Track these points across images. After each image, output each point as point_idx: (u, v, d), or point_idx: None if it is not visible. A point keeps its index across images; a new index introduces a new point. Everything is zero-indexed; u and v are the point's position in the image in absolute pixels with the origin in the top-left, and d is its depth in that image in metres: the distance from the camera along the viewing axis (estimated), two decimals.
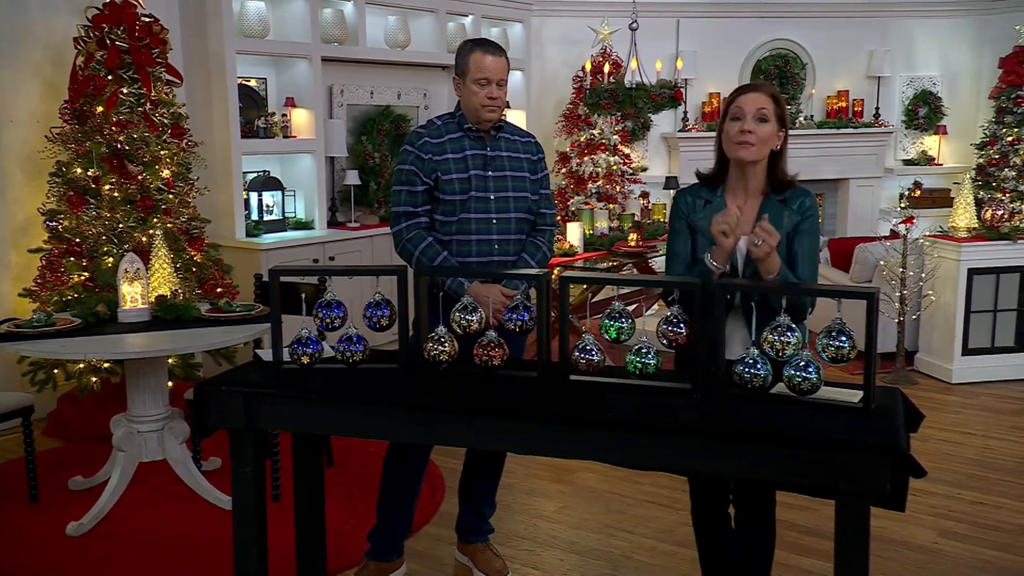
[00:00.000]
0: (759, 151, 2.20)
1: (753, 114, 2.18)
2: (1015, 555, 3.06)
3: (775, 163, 2.24)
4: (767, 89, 2.24)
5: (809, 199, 2.25)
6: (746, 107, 2.19)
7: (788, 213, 2.22)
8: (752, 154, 2.20)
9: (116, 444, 3.32)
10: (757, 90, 2.22)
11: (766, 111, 2.19)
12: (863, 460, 1.79)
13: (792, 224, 2.22)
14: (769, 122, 2.19)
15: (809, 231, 2.22)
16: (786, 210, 2.23)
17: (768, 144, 2.21)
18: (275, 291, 2.29)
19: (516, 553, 3.08)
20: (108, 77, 4.06)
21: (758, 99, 2.19)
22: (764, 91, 2.22)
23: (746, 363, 2.04)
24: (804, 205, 2.23)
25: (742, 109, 2.20)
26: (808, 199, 2.25)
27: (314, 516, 2.57)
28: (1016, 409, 4.64)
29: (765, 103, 2.19)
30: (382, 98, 6.00)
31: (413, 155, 2.71)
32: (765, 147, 2.21)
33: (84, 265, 4.00)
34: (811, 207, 2.25)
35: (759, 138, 2.18)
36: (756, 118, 2.18)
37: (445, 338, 2.26)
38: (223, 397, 2.21)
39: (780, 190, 2.25)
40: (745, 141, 2.18)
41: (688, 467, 2.13)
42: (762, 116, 2.18)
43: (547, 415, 2.03)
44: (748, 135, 2.18)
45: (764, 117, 2.19)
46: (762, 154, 2.21)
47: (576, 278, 2.41)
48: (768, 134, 2.19)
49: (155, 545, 3.09)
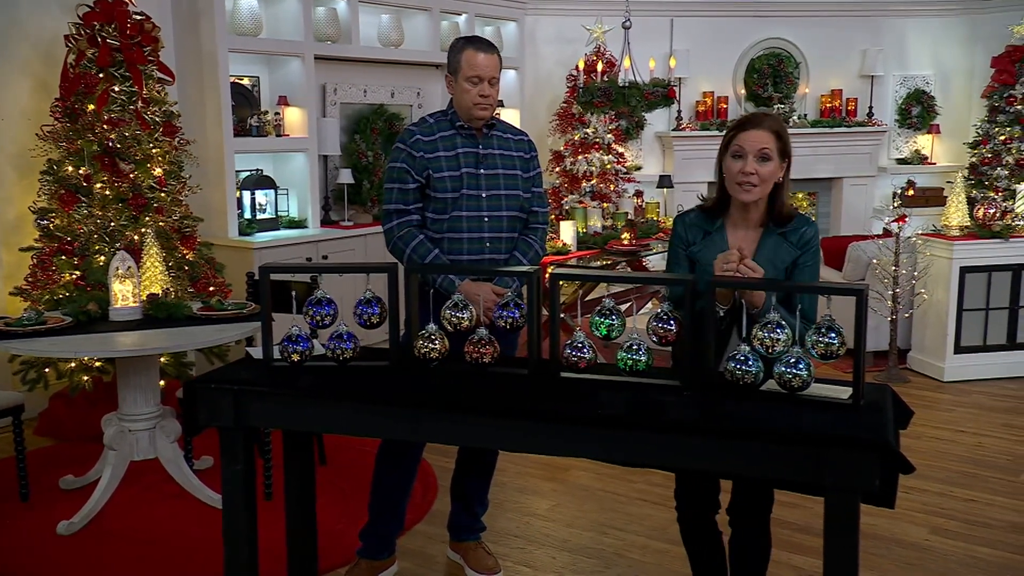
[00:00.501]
0: (762, 191, 2.14)
1: (755, 153, 2.11)
2: (1006, 552, 3.07)
3: (776, 195, 2.18)
4: (770, 125, 2.13)
5: (810, 230, 2.19)
6: (747, 146, 2.11)
7: (787, 247, 2.17)
8: (755, 195, 2.14)
9: (107, 443, 3.31)
10: (759, 126, 2.13)
11: (768, 150, 2.11)
12: (851, 456, 1.79)
13: (792, 258, 2.18)
14: (772, 160, 2.12)
15: (810, 265, 2.17)
16: (785, 243, 2.18)
17: (770, 182, 2.14)
18: (265, 289, 2.28)
19: (508, 551, 3.08)
20: (99, 75, 4.05)
21: (760, 137, 2.11)
22: (767, 128, 2.12)
23: (737, 360, 2.04)
24: (804, 237, 2.17)
25: (743, 148, 2.12)
26: (809, 230, 2.19)
27: (305, 514, 2.57)
28: (1008, 407, 4.65)
29: (767, 142, 2.11)
30: (375, 97, 6.00)
31: (405, 153, 2.71)
32: (767, 186, 2.14)
33: (76, 263, 3.99)
34: (811, 239, 2.18)
35: (761, 178, 2.12)
36: (758, 157, 2.11)
37: (436, 336, 2.26)
38: (213, 395, 2.20)
39: (780, 223, 2.19)
40: (747, 182, 2.12)
41: (678, 464, 2.14)
42: (764, 155, 2.11)
43: (537, 412, 2.03)
44: (751, 176, 2.11)
45: (766, 156, 2.11)
46: (764, 193, 2.15)
47: (566, 275, 2.41)
48: (770, 173, 2.12)
49: (146, 544, 3.09)
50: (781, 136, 2.14)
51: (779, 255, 2.16)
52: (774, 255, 2.15)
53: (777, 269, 2.17)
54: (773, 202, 2.19)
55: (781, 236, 2.18)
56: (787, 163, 2.17)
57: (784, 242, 2.18)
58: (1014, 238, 5.01)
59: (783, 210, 2.18)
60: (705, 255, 2.20)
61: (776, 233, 2.18)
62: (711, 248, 2.19)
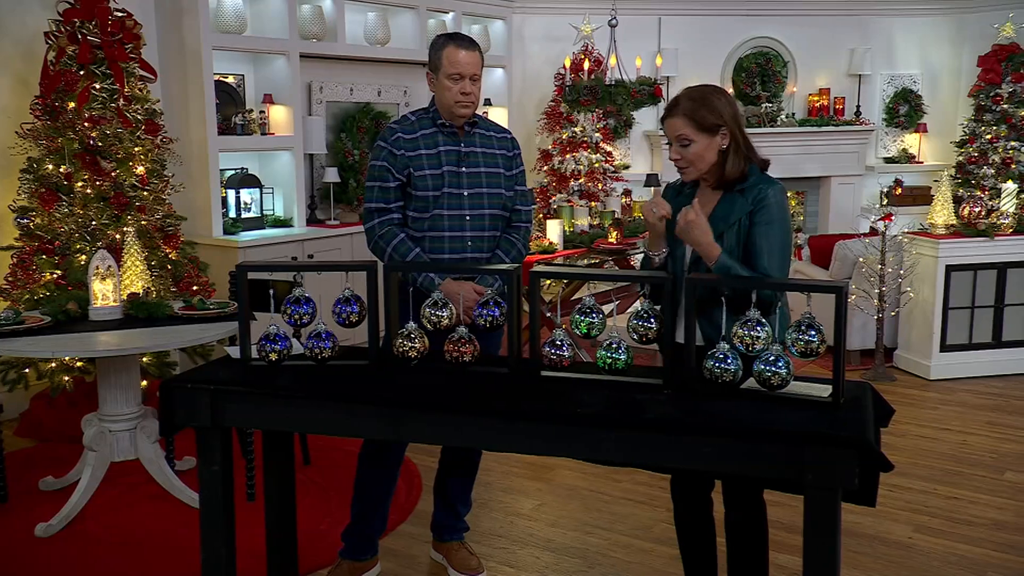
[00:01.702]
0: (697, 169, 2.23)
1: (675, 140, 2.22)
2: (988, 550, 3.07)
3: (724, 160, 2.23)
4: (681, 109, 2.20)
5: (768, 189, 2.19)
6: (668, 134, 2.24)
7: (741, 203, 2.21)
8: (690, 175, 2.26)
9: (87, 444, 3.28)
10: (672, 115, 2.22)
11: (684, 135, 2.20)
12: (829, 453, 1.78)
13: (744, 212, 2.20)
14: (694, 142, 2.20)
15: (766, 222, 2.17)
16: (740, 199, 2.21)
17: (705, 158, 2.21)
18: (243, 287, 2.26)
19: (492, 551, 3.06)
20: (80, 72, 4.01)
21: (674, 125, 2.21)
22: (679, 115, 2.21)
23: (716, 358, 2.04)
24: (760, 195, 2.19)
25: (668, 136, 2.25)
26: (766, 188, 2.20)
27: (285, 515, 2.55)
28: (993, 405, 4.67)
29: (681, 128, 2.20)
30: (362, 95, 5.97)
31: (386, 151, 2.69)
32: (702, 161, 2.22)
33: (56, 263, 3.95)
34: (767, 197, 2.18)
35: (688, 160, 2.22)
36: (679, 143, 2.22)
37: (415, 334, 2.25)
38: (189, 395, 2.18)
39: (730, 187, 2.24)
40: (677, 166, 2.26)
41: (657, 462, 2.13)
42: (684, 141, 2.21)
43: (516, 411, 2.02)
44: (678, 161, 2.24)
45: (685, 141, 2.21)
46: (701, 169, 2.23)
47: (545, 273, 2.39)
48: (697, 153, 2.21)
49: (125, 546, 3.05)
50: (695, 117, 2.19)
51: (732, 211, 2.21)
52: (727, 212, 2.21)
53: (728, 224, 2.20)
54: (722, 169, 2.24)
55: (739, 193, 2.23)
56: (724, 132, 2.21)
57: (740, 198, 2.22)
58: (999, 237, 5.03)
59: (727, 176, 2.23)
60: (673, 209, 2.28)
61: (734, 191, 2.24)
62: (677, 205, 2.27)
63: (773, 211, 2.18)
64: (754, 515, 2.34)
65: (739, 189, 2.23)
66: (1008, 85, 7.03)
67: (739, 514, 2.34)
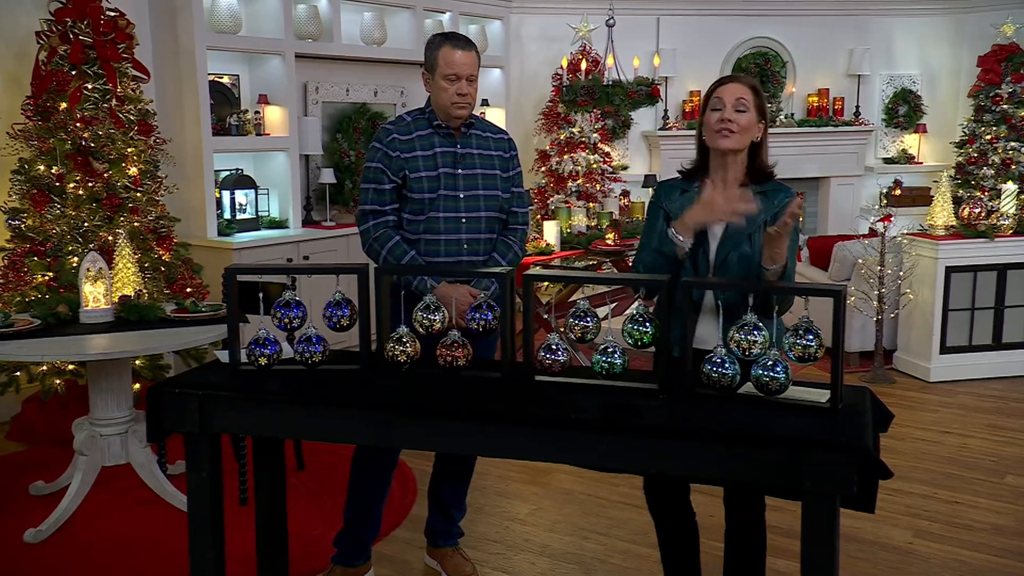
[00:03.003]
0: (739, 140, 2.20)
1: (733, 104, 2.19)
2: (989, 555, 3.04)
3: (755, 155, 2.25)
4: (747, 80, 2.25)
5: (790, 196, 2.22)
6: (726, 97, 2.20)
7: (765, 205, 2.21)
8: (732, 142, 2.19)
9: (77, 448, 3.24)
10: (737, 81, 2.24)
11: (746, 100, 2.19)
12: (827, 459, 1.75)
13: (768, 214, 2.20)
14: (748, 112, 2.20)
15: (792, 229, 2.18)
16: (763, 201, 2.21)
17: (748, 134, 2.21)
18: (232, 290, 2.23)
19: (487, 557, 3.03)
20: (72, 72, 3.97)
21: (738, 89, 2.21)
22: (743, 82, 2.24)
23: (713, 362, 2.00)
24: (782, 200, 2.21)
25: (722, 99, 2.20)
26: (786, 195, 2.23)
27: (276, 520, 2.51)
28: (993, 407, 4.63)
29: (745, 93, 2.20)
30: (358, 95, 5.93)
31: (381, 152, 2.66)
32: (746, 136, 2.21)
33: (48, 264, 3.91)
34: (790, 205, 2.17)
35: (740, 127, 2.19)
36: (736, 108, 2.19)
37: (407, 338, 2.21)
38: (177, 400, 2.14)
39: (760, 181, 2.25)
40: (725, 128, 2.19)
41: (654, 468, 2.09)
42: (742, 106, 2.19)
43: (509, 417, 1.98)
44: (728, 123, 2.18)
45: (743, 107, 2.19)
46: (743, 143, 2.21)
47: (539, 276, 2.36)
48: (748, 123, 2.20)
49: (115, 551, 3.02)
50: (758, 92, 2.23)
51: (756, 213, 2.17)
52: (752, 213, 2.16)
53: (756, 225, 2.18)
54: (752, 162, 2.25)
55: (760, 195, 2.22)
56: (764, 125, 2.24)
57: (762, 200, 2.21)
58: (999, 238, 4.99)
59: (762, 167, 2.25)
60: (678, 208, 2.25)
61: (755, 192, 2.22)
62: (687, 203, 2.23)
63: None
64: (756, 518, 2.32)
65: (760, 192, 2.23)
66: (1008, 85, 7.01)
67: (741, 516, 2.32)
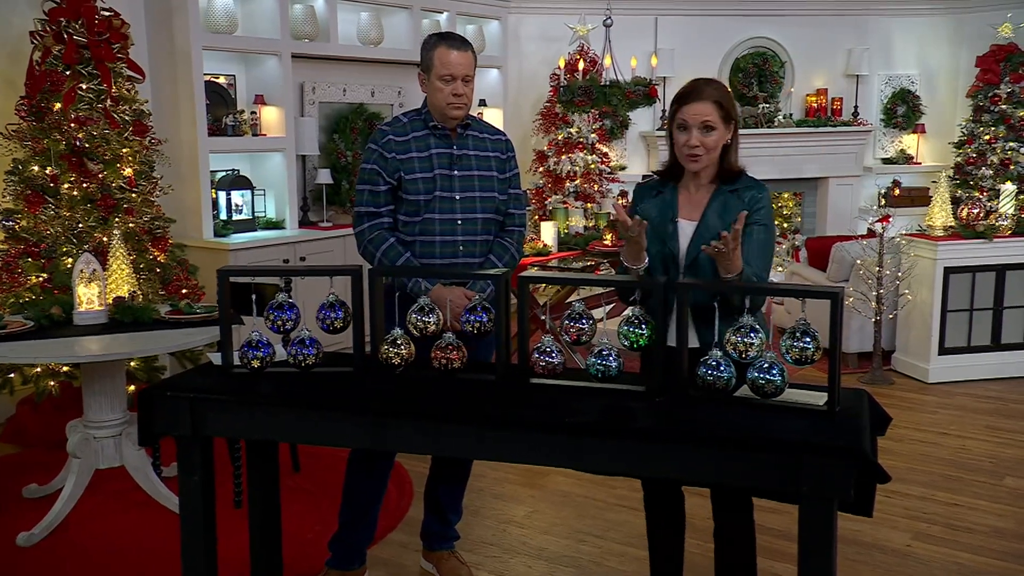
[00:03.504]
0: (708, 159, 2.20)
1: (698, 126, 2.16)
2: (989, 558, 3.02)
3: (725, 155, 2.23)
4: (710, 95, 2.18)
5: (761, 193, 2.23)
6: (690, 119, 2.17)
7: (736, 203, 2.21)
8: (701, 164, 2.20)
9: (71, 451, 3.22)
10: (700, 99, 2.17)
11: (710, 121, 2.16)
12: (824, 464, 1.73)
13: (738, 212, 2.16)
14: (716, 129, 2.17)
15: (761, 224, 2.20)
16: (734, 200, 2.22)
17: (717, 149, 2.20)
18: (224, 292, 2.21)
19: (483, 560, 3.01)
20: (66, 72, 3.95)
21: (702, 109, 2.16)
22: (708, 98, 2.17)
23: (709, 365, 1.98)
24: (755, 198, 2.21)
25: (686, 122, 2.18)
26: (759, 192, 2.23)
27: (269, 524, 2.49)
28: (992, 409, 4.61)
29: (709, 113, 2.16)
30: (355, 96, 5.91)
31: (376, 154, 2.64)
32: (715, 152, 2.20)
33: (42, 266, 3.89)
34: (761, 200, 2.23)
35: (706, 148, 2.18)
36: (702, 129, 2.16)
37: (401, 340, 2.19)
38: (169, 403, 2.13)
39: (730, 181, 2.24)
40: (692, 154, 2.18)
41: (649, 472, 2.08)
42: (707, 126, 2.16)
43: (503, 420, 1.96)
44: (695, 148, 2.17)
45: (709, 127, 2.16)
46: (711, 160, 2.21)
47: (534, 278, 2.34)
48: (716, 141, 2.18)
49: (109, 555, 3.00)
50: (723, 104, 2.18)
51: (727, 211, 2.19)
52: (723, 211, 2.19)
53: (725, 224, 2.17)
54: (722, 163, 2.24)
55: (732, 193, 2.23)
56: (734, 125, 2.22)
57: (733, 198, 2.22)
58: (998, 238, 4.98)
59: (732, 168, 2.24)
60: (651, 211, 2.26)
61: (727, 191, 2.23)
62: (660, 206, 2.27)
63: (766, 214, 2.21)
64: (743, 519, 2.32)
65: (732, 189, 2.23)
66: (1006, 85, 6.99)
67: (730, 517, 2.32)
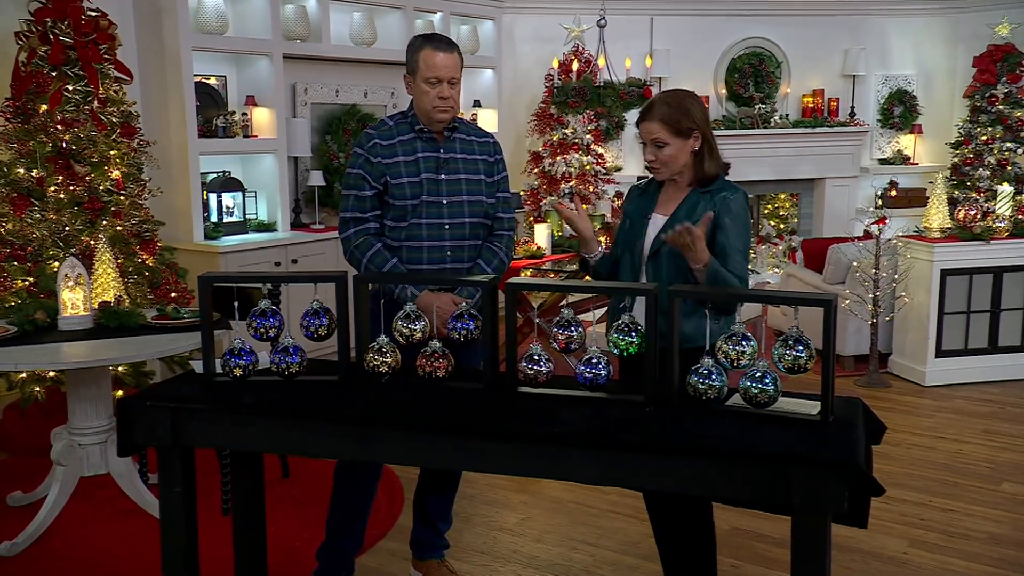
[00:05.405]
0: (671, 169, 2.34)
1: (651, 143, 2.32)
2: (985, 565, 2.98)
3: (700, 162, 2.34)
4: (658, 113, 2.30)
5: (732, 194, 2.31)
6: (644, 137, 2.33)
7: (705, 204, 2.31)
8: (664, 175, 2.36)
9: (55, 458, 3.17)
10: (648, 118, 2.31)
11: (659, 138, 2.30)
12: (817, 476, 1.69)
13: (705, 213, 2.27)
14: (668, 144, 2.30)
15: (728, 226, 2.27)
16: (704, 201, 2.32)
17: (678, 160, 2.32)
18: (206, 299, 2.16)
19: (473, 568, 2.96)
20: (52, 73, 3.90)
21: (651, 128, 2.30)
22: (655, 116, 2.30)
23: (700, 374, 1.94)
24: (725, 200, 2.30)
25: (643, 138, 2.33)
26: (730, 194, 2.31)
27: (253, 533, 2.45)
28: (989, 412, 4.58)
29: (657, 131, 2.29)
30: (348, 97, 5.86)
31: (362, 158, 2.59)
32: (676, 162, 2.32)
33: (28, 270, 3.84)
34: (732, 202, 2.29)
35: (661, 162, 2.32)
36: (654, 145, 2.31)
37: (386, 348, 2.15)
38: (149, 413, 2.08)
39: (704, 184, 2.35)
40: (651, 167, 2.36)
41: (639, 483, 2.03)
42: (657, 143, 2.31)
43: (490, 430, 1.92)
44: (652, 162, 2.34)
45: (659, 143, 2.30)
46: (675, 169, 2.34)
47: (523, 284, 2.29)
48: (671, 154, 2.31)
49: (93, 564, 2.95)
50: (670, 121, 2.29)
51: (694, 212, 2.31)
52: (691, 211, 2.31)
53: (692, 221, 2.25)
54: (697, 169, 2.35)
55: (705, 195, 2.34)
56: (697, 135, 2.31)
57: (703, 200, 2.33)
58: (995, 240, 4.94)
59: (704, 175, 2.35)
60: (632, 209, 2.45)
61: (700, 192, 2.35)
62: (640, 202, 2.44)
63: (736, 216, 2.28)
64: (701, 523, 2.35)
65: (706, 191, 2.34)
66: (1003, 86, 6.96)
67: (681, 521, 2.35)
